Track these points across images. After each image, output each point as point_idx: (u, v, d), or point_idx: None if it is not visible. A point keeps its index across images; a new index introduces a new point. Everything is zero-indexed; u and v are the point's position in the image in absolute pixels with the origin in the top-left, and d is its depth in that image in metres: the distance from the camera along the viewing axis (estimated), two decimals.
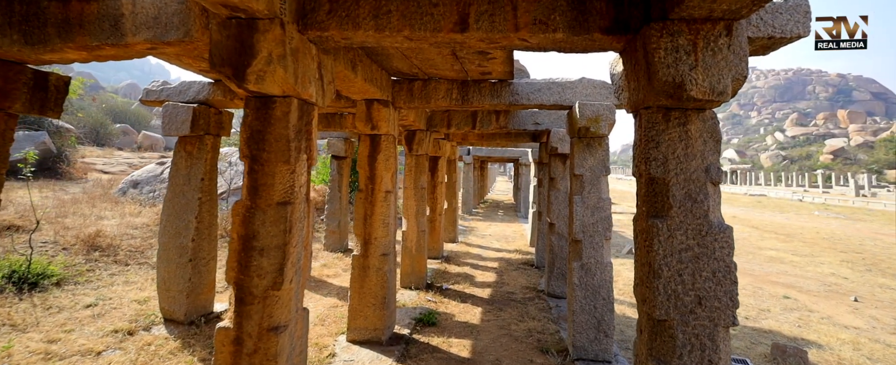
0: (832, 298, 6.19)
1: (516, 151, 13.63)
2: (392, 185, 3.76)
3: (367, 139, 3.71)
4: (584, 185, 3.37)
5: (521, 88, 3.59)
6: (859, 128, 55.10)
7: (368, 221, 3.64)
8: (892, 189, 31.31)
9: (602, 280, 3.27)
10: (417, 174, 5.47)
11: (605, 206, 3.35)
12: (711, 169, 1.62)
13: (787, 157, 55.03)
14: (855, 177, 31.78)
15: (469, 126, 5.41)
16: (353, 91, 3.21)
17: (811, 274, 7.75)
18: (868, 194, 28.96)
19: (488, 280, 5.90)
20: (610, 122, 3.27)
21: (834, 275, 7.74)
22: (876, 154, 46.77)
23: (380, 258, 3.61)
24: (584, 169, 3.39)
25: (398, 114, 4.01)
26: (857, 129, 54.93)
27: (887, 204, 23.40)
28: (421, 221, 5.43)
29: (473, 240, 9.53)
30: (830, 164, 47.80)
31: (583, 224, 3.33)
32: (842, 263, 9.12)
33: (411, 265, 5.39)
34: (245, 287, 1.84)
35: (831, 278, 7.49)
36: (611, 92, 3.47)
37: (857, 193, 29.40)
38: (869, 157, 46.81)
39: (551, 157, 5.20)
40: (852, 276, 7.72)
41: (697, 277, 1.54)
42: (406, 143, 5.43)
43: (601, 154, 3.38)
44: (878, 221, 18.29)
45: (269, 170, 1.90)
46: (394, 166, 3.77)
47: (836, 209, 23.62)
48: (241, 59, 1.75)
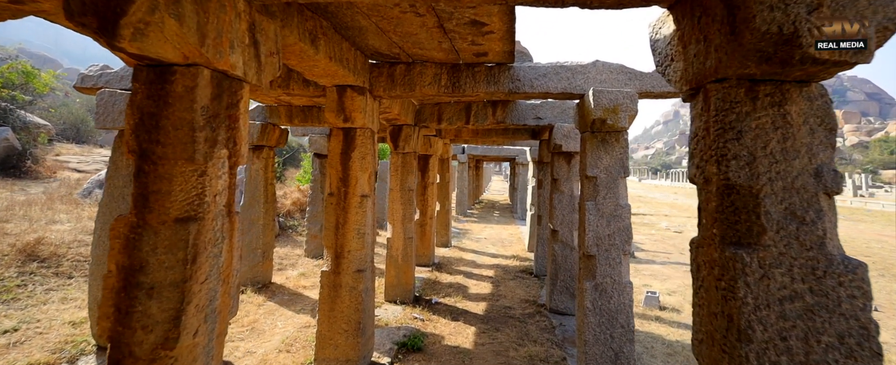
0: None
1: (513, 150, 13.07)
2: (369, 188, 3.17)
3: (339, 133, 3.12)
4: (599, 189, 2.80)
5: (523, 73, 3.02)
6: (854, 128, 55.23)
7: (341, 231, 3.05)
8: (891, 189, 31.20)
9: (620, 304, 2.71)
10: (404, 174, 4.88)
11: (623, 214, 2.78)
12: (824, 172, 1.05)
13: None
14: (852, 177, 31.62)
15: (462, 121, 4.82)
16: (317, 73, 2.61)
17: None
18: (866, 195, 28.79)
19: (483, 292, 5.33)
20: (631, 112, 2.70)
21: None
22: (871, 154, 46.81)
23: (354, 275, 3.03)
24: (599, 170, 2.82)
25: (378, 105, 3.42)
26: (852, 129, 55.06)
27: (885, 204, 23.21)
28: (408, 227, 4.84)
29: (467, 244, 8.96)
30: None
31: (597, 236, 2.76)
32: None
33: (396, 276, 4.81)
34: (123, 345, 1.25)
35: None
36: (630, 78, 2.90)
37: (855, 193, 29.23)
38: (864, 158, 46.83)
39: (554, 156, 4.63)
40: None
41: (813, 345, 0.97)
42: (391, 139, 4.83)
43: (619, 152, 2.82)
44: (879, 221, 18.08)
45: (165, 171, 1.31)
46: (372, 166, 3.19)
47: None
48: (110, 2, 1.16)
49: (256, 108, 5.39)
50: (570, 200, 4.50)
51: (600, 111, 2.70)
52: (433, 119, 4.90)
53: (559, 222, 4.48)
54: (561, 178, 4.53)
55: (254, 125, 5.18)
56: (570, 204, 4.50)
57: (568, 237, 4.48)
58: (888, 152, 45.71)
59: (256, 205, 5.21)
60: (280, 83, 3.27)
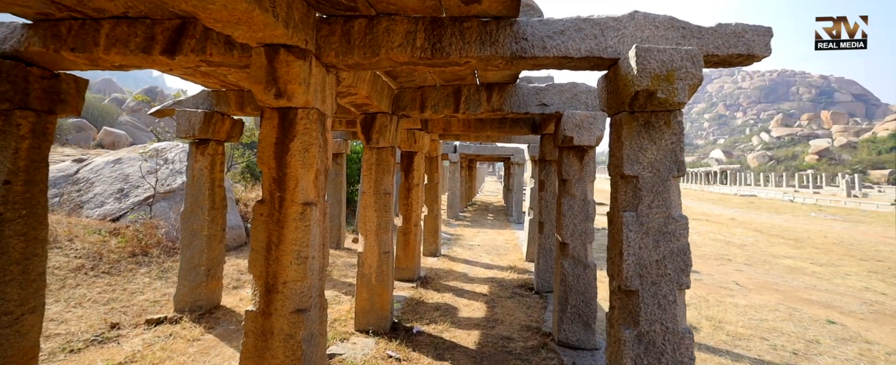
0: (883, 321, 5.16)
1: (508, 149, 12.24)
2: (316, 192, 2.26)
3: (272, 116, 2.21)
4: (641, 193, 1.93)
5: (532, 31, 2.14)
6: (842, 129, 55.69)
7: (273, 255, 2.13)
8: (884, 189, 31.21)
9: (677, 363, 1.84)
10: (379, 174, 3.97)
11: (677, 230, 1.92)
12: None
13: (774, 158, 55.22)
14: (845, 178, 31.53)
15: (450, 108, 3.94)
16: (221, 17, 1.70)
17: (842, 289, 6.81)
18: (859, 195, 28.66)
19: (476, 316, 4.44)
20: (692, 80, 1.84)
21: (868, 290, 6.81)
22: (859, 154, 47.16)
23: (291, 318, 2.11)
24: (641, 166, 1.95)
25: (334, 79, 2.51)
26: (840, 129, 55.50)
27: (879, 205, 23.06)
28: (384, 239, 3.94)
29: (459, 252, 8.07)
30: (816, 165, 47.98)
31: (640, 262, 1.90)
32: (869, 273, 8.34)
33: (369, 300, 3.90)
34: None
35: (868, 294, 6.57)
36: (684, 35, 2.04)
37: (849, 193, 29.06)
38: (853, 158, 47.12)
39: (563, 152, 3.77)
40: (889, 290, 6.81)
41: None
42: (362, 131, 3.93)
43: (670, 140, 1.95)
44: (878, 222, 17.83)
45: None
46: (319, 162, 2.28)
47: (830, 210, 23.24)
48: None
49: (201, 93, 4.44)
50: (584, 207, 3.65)
51: (647, 79, 1.84)
52: (415, 106, 4.01)
53: (569, 233, 3.62)
54: (572, 178, 3.67)
55: (195, 114, 4.23)
56: (582, 211, 3.64)
57: (580, 252, 3.62)
58: (876, 152, 46.09)
59: (199, 212, 4.25)
60: (194, 46, 2.35)
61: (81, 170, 7.49)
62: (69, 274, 4.23)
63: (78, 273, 4.29)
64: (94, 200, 6.67)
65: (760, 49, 1.97)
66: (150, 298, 4.28)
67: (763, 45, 1.97)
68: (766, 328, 4.74)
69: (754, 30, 1.98)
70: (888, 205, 22.89)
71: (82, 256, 4.62)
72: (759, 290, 6.50)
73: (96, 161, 7.57)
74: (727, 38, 1.98)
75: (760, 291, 6.40)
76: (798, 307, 5.68)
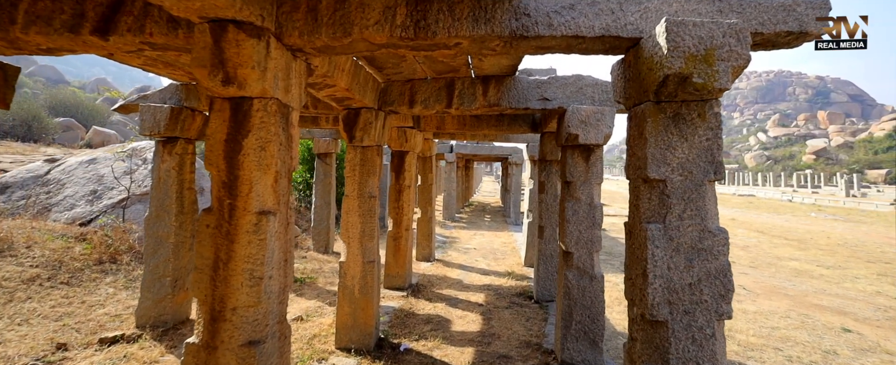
0: None
1: (506, 148, 11.89)
2: (275, 199, 1.88)
3: (223, 108, 1.83)
4: (670, 201, 1.57)
5: (536, 5, 1.77)
6: (839, 129, 55.75)
7: (221, 274, 1.75)
8: (882, 189, 31.14)
9: None
10: (364, 176, 3.59)
11: (715, 246, 1.56)
12: None
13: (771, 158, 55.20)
14: (844, 177, 31.42)
15: (443, 103, 3.57)
16: None
17: (853, 293, 6.55)
18: (858, 195, 28.53)
19: (470, 330, 4.07)
20: (737, 61, 1.47)
21: (881, 294, 6.56)
22: (856, 154, 47.17)
23: (241, 352, 1.73)
24: (669, 168, 1.59)
25: (304, 66, 2.14)
26: (837, 129, 55.56)
27: (879, 204, 22.91)
28: (369, 248, 3.56)
29: (454, 256, 7.69)
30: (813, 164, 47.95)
31: (669, 286, 1.53)
32: (878, 277, 8.12)
33: (352, 314, 3.52)
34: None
35: (881, 300, 6.33)
36: (721, 10, 1.67)
37: (848, 193, 28.92)
38: (850, 158, 47.10)
39: (566, 151, 3.41)
40: None
41: None
42: (345, 128, 3.55)
43: (705, 135, 1.59)
44: (880, 223, 17.68)
45: None
46: (279, 163, 1.90)
47: (830, 210, 23.09)
48: None
49: (169, 86, 4.04)
50: (590, 212, 3.28)
51: (680, 60, 1.47)
52: (403, 101, 3.64)
53: (574, 241, 3.26)
54: (577, 180, 3.30)
55: (160, 109, 3.83)
56: (588, 216, 3.28)
57: (586, 262, 3.26)
58: (873, 152, 46.11)
59: (166, 217, 3.85)
60: (131, 24, 1.96)
61: (53, 170, 7.05)
62: (21, 286, 3.82)
63: (31, 284, 3.89)
64: (64, 203, 6.24)
65: (814, 26, 1.61)
66: (110, 311, 3.88)
67: (817, 20, 1.61)
68: (778, 337, 4.43)
69: (808, 2, 1.61)
70: (888, 204, 22.77)
71: (39, 264, 4.21)
72: (768, 294, 6.18)
73: (69, 161, 7.14)
74: (775, 13, 1.62)
75: (769, 296, 6.08)
76: (810, 314, 5.39)
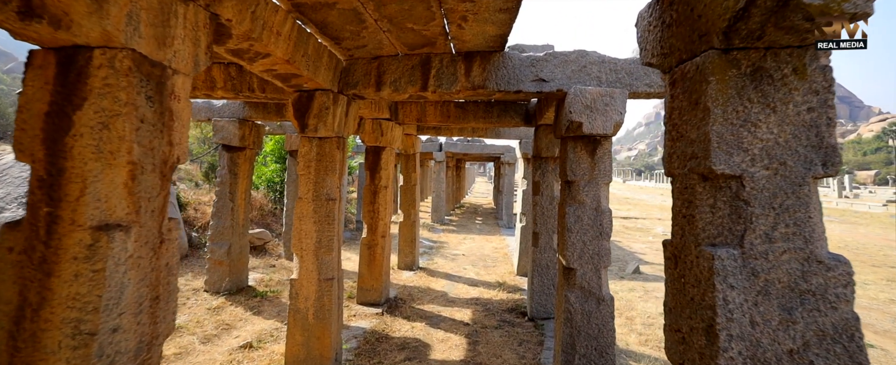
0: None
1: (498, 147, 11.28)
2: (130, 206, 1.22)
3: (45, 63, 1.16)
4: (750, 210, 0.94)
5: None
6: None
7: (26, 330, 1.09)
8: (873, 190, 31.22)
9: None
10: (320, 174, 2.93)
11: (830, 287, 0.93)
12: None
13: None
14: (835, 178, 31.41)
15: (417, 85, 2.92)
16: None
17: (866, 301, 6.11)
18: (850, 196, 28.49)
19: (452, 358, 3.42)
20: None
21: (895, 302, 6.05)
22: (845, 156, 47.56)
23: None
24: (748, 156, 0.96)
25: (197, 10, 1.48)
26: None
27: (871, 206, 22.79)
28: (326, 261, 2.89)
29: (440, 264, 7.03)
30: None
31: (755, 357, 0.90)
32: (888, 283, 7.75)
33: (305, 344, 2.84)
34: None
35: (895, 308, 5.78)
36: None
37: (840, 194, 28.86)
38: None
39: (567, 144, 2.78)
40: None
41: None
42: (295, 115, 2.88)
43: (806, 102, 0.97)
44: (874, 224, 17.51)
45: None
46: (138, 150, 1.24)
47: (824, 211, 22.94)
48: None
49: None
50: (596, 218, 2.66)
51: None
52: (369, 83, 2.98)
53: (577, 255, 2.63)
54: (580, 179, 2.67)
55: None
56: (594, 224, 2.65)
57: (592, 280, 2.63)
58: (862, 154, 46.50)
59: None
60: None
61: (7, 170, 6.25)
62: None
63: None
64: None
65: None
66: None
67: None
68: None
69: None
70: (880, 206, 22.67)
71: None
72: None
73: (5, 158, 6.34)
74: None
75: None
76: None
